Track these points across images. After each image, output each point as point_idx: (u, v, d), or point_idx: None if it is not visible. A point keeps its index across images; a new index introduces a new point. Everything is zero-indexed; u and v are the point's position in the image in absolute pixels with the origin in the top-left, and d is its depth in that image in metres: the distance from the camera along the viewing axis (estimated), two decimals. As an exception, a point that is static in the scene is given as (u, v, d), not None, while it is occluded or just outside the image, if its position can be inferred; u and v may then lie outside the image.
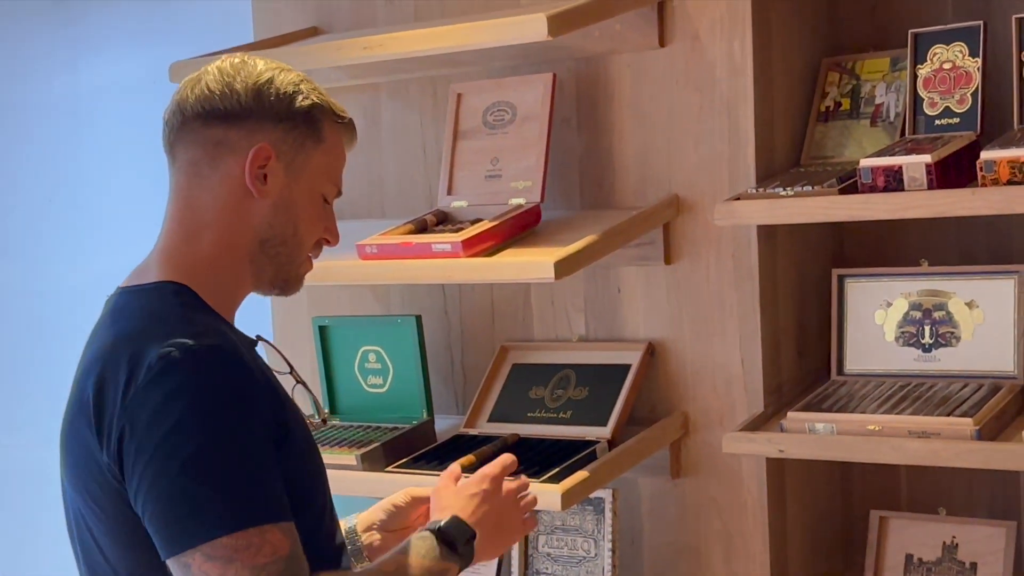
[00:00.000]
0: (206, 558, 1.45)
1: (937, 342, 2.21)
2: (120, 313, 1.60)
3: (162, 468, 1.46)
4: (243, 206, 1.62)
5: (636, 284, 2.38)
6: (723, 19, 2.23)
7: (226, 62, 1.64)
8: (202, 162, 1.61)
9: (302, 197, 1.65)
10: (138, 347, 1.51)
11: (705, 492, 2.33)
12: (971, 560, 2.20)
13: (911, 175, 2.02)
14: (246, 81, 1.61)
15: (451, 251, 2.23)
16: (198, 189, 1.62)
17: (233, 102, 1.60)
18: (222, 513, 1.46)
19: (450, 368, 2.62)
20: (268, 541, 1.46)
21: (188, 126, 1.61)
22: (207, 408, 1.48)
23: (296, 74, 1.66)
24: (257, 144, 1.60)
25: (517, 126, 2.40)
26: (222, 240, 1.62)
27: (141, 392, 1.48)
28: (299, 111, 1.63)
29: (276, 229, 1.64)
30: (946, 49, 2.16)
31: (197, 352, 1.50)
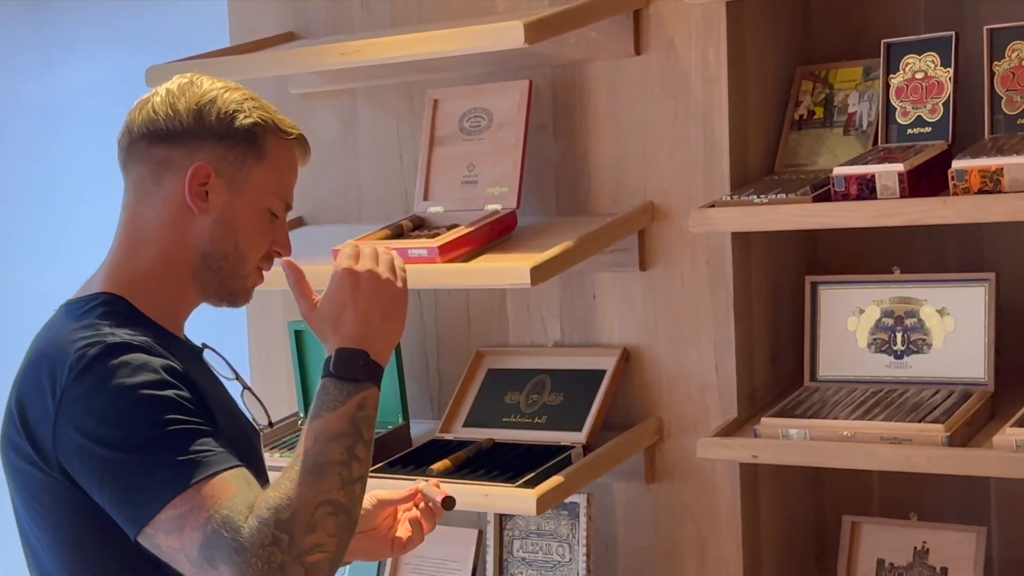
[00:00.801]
0: (165, 534, 1.49)
1: (909, 349, 2.23)
2: (51, 325, 1.66)
3: (103, 459, 1.52)
4: (184, 222, 1.67)
5: (611, 290, 2.39)
6: (698, 27, 2.24)
7: (175, 83, 1.69)
8: (147, 180, 1.67)
9: (244, 213, 1.68)
10: (58, 351, 1.57)
11: (679, 497, 2.34)
12: (942, 565, 2.22)
13: (884, 183, 2.04)
14: (189, 102, 1.66)
15: (427, 256, 2.24)
16: (143, 206, 1.68)
17: (175, 123, 1.66)
18: (155, 490, 1.50)
19: (426, 373, 2.63)
20: (204, 496, 1.48)
21: (135, 146, 1.68)
22: (122, 396, 1.53)
23: (241, 93, 1.69)
24: (197, 162, 1.65)
25: (493, 132, 2.41)
26: (162, 255, 1.68)
27: (67, 392, 1.54)
28: (239, 129, 1.67)
29: (217, 244, 1.68)
30: (918, 59, 2.19)
31: (109, 346, 1.55)
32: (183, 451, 1.51)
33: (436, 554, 2.50)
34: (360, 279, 1.61)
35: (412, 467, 2.35)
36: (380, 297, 1.61)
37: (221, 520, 1.47)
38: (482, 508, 2.36)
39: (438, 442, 2.45)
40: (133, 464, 1.51)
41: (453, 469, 2.29)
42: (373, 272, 1.61)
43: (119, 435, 1.52)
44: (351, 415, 1.54)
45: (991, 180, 1.95)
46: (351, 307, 1.60)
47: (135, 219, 1.68)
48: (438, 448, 2.42)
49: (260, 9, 2.75)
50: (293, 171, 1.73)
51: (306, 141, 1.75)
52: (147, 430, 1.52)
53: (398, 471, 2.35)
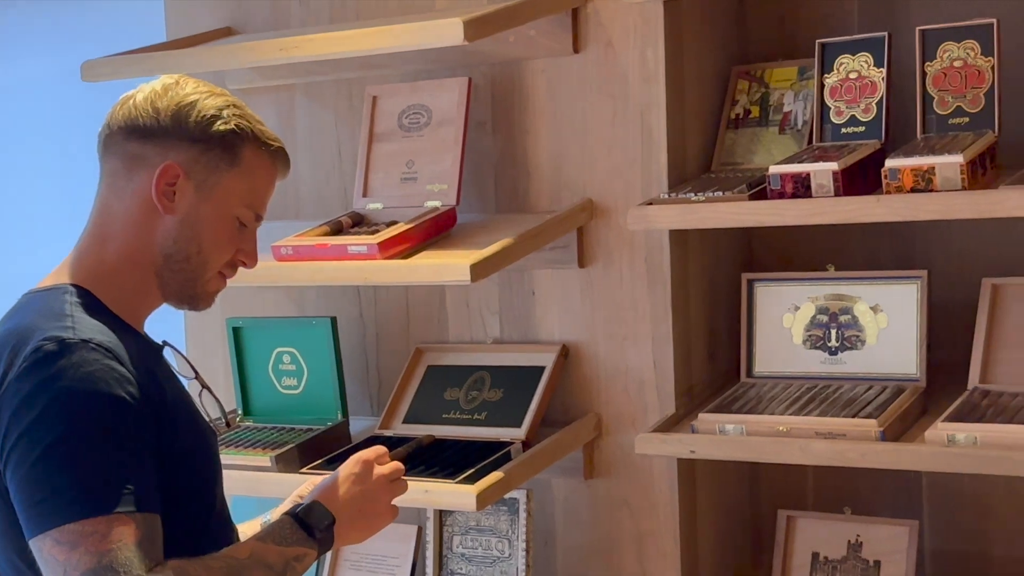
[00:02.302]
0: (54, 542, 1.49)
1: (843, 345, 2.27)
2: (15, 312, 1.66)
3: (26, 454, 1.51)
4: (149, 220, 1.67)
5: (550, 287, 2.40)
6: (636, 27, 2.26)
7: (160, 82, 1.70)
8: (120, 174, 1.68)
9: (210, 217, 1.68)
10: (19, 341, 1.57)
11: (618, 493, 2.36)
12: (875, 558, 2.25)
13: (818, 182, 2.06)
14: (170, 102, 1.67)
15: (367, 253, 2.24)
16: (114, 199, 1.68)
17: (153, 120, 1.66)
18: (73, 500, 1.50)
19: (365, 370, 2.63)
20: (115, 529, 1.49)
21: (112, 139, 1.68)
22: (73, 397, 1.52)
23: (225, 99, 1.69)
24: (167, 161, 1.65)
25: (432, 129, 2.41)
26: (126, 250, 1.67)
27: (15, 382, 1.54)
28: (216, 134, 1.67)
29: (180, 245, 1.68)
30: (852, 59, 2.22)
31: (70, 344, 1.54)
32: (114, 476, 1.51)
33: (375, 550, 2.49)
34: (373, 478, 1.77)
35: (351, 464, 2.35)
36: (376, 501, 1.76)
37: (123, 559, 1.48)
38: (422, 504, 2.36)
39: (377, 439, 2.45)
40: (61, 468, 1.50)
41: (393, 466, 2.29)
42: (384, 478, 1.78)
43: (55, 436, 1.51)
44: (287, 559, 1.63)
45: (923, 179, 1.98)
46: (354, 488, 1.75)
47: (105, 211, 1.69)
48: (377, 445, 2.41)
49: (197, 4, 2.73)
50: (268, 182, 1.73)
51: (286, 154, 1.75)
52: (86, 441, 1.51)
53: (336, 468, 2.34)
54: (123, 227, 1.67)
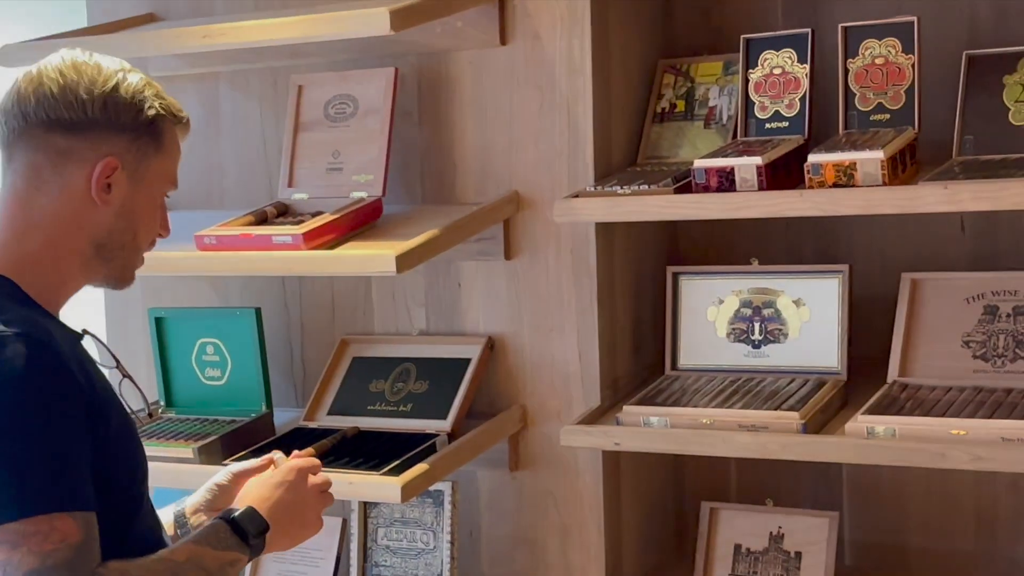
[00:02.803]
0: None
1: (766, 338, 2.29)
2: None
3: None
4: (82, 213, 1.63)
5: (476, 279, 2.40)
6: (563, 19, 2.26)
7: (67, 62, 1.62)
8: (43, 168, 1.62)
9: (143, 203, 1.67)
10: None
11: (543, 484, 2.37)
12: (796, 549, 2.28)
13: (743, 176, 2.08)
14: (92, 89, 1.61)
15: (292, 243, 2.22)
16: (36, 193, 1.62)
17: (79, 112, 1.60)
18: (12, 499, 1.47)
19: (290, 361, 2.61)
20: (57, 528, 1.47)
21: (30, 131, 1.61)
22: (10, 394, 1.49)
23: (139, 76, 1.66)
24: (103, 155, 1.61)
25: (359, 119, 2.40)
26: (51, 241, 1.63)
27: None
28: (144, 121, 1.64)
29: (115, 236, 1.65)
30: (776, 55, 2.23)
31: (5, 339, 1.51)
32: (55, 473, 1.49)
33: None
34: (306, 487, 1.78)
35: (275, 456, 2.33)
36: (306, 511, 1.78)
37: (64, 561, 1.46)
38: (347, 496, 2.34)
39: (302, 430, 2.43)
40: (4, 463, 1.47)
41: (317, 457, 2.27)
42: (317, 489, 1.80)
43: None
44: (223, 563, 1.64)
45: (844, 174, 2.00)
46: (287, 496, 1.75)
47: (25, 204, 1.62)
48: (302, 436, 2.40)
49: (119, -11, 2.69)
50: (180, 153, 1.71)
51: (189, 121, 1.72)
52: (27, 437, 1.48)
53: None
54: (49, 220, 1.62)
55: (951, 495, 2.30)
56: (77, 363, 1.57)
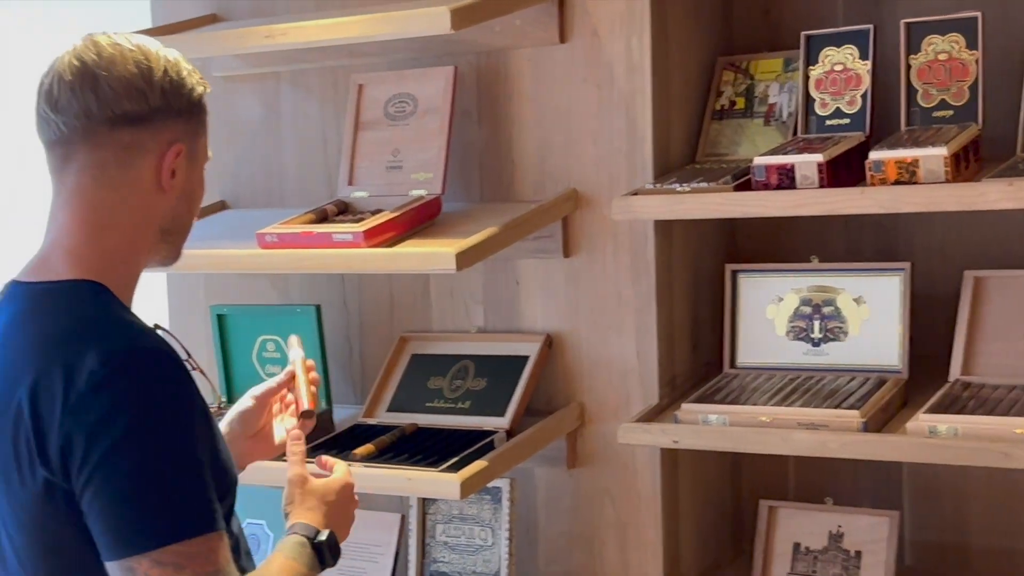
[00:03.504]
0: (154, 563, 1.44)
1: (826, 336, 2.28)
2: (37, 313, 1.57)
3: (112, 473, 1.45)
4: (150, 203, 1.62)
5: (535, 277, 2.41)
6: (622, 16, 2.26)
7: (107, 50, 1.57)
8: (110, 165, 1.58)
9: (197, 180, 1.67)
10: (74, 351, 1.49)
11: (600, 482, 2.37)
12: (856, 548, 2.26)
13: (803, 173, 2.07)
14: (149, 79, 1.58)
15: (352, 241, 2.23)
16: (105, 190, 1.59)
17: (142, 104, 1.58)
18: (173, 520, 1.46)
19: (349, 358, 2.63)
20: (213, 550, 1.48)
21: (94, 129, 1.57)
22: (156, 413, 1.48)
23: (176, 58, 1.64)
24: (167, 143, 1.60)
25: (418, 118, 2.41)
26: (128, 236, 1.62)
27: (85, 398, 1.46)
28: (195, 101, 1.64)
29: (178, 218, 1.66)
30: (837, 51, 2.22)
31: (140, 355, 1.50)
32: (204, 493, 1.49)
33: (359, 539, 2.49)
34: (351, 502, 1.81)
35: (335, 451, 2.35)
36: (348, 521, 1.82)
37: None
38: (406, 492, 2.37)
39: (361, 427, 2.45)
40: (156, 487, 1.46)
41: (376, 454, 2.30)
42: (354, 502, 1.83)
43: (145, 453, 1.46)
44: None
45: (907, 171, 1.99)
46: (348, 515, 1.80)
47: (93, 203, 1.59)
48: (361, 433, 2.42)
49: (183, -10, 2.73)
50: None
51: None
52: (177, 458, 1.48)
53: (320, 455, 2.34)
54: (121, 217, 1.60)
55: (1013, 494, 2.27)
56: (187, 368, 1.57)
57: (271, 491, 2.54)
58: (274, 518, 2.60)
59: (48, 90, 1.58)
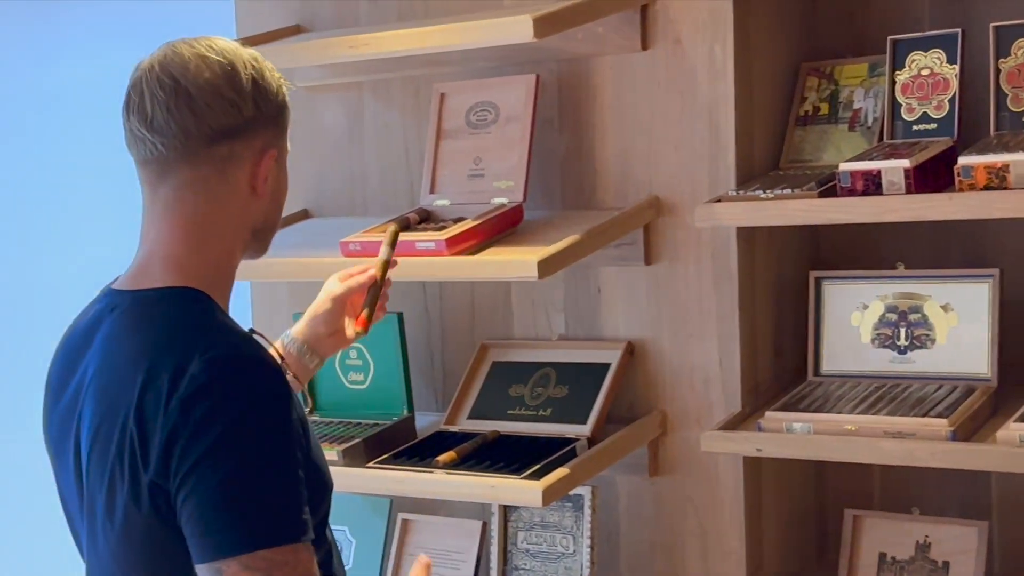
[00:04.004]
0: (243, 567, 1.46)
1: (912, 344, 2.25)
2: (142, 322, 1.58)
3: (208, 474, 1.47)
4: (247, 208, 1.64)
5: (616, 284, 2.40)
6: (705, 23, 2.25)
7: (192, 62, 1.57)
8: (210, 178, 1.60)
9: (284, 178, 1.70)
10: (179, 357, 1.50)
11: (682, 490, 2.36)
12: (943, 559, 2.23)
13: (890, 179, 2.05)
14: (239, 89, 1.58)
15: (435, 249, 2.25)
16: (204, 202, 1.61)
17: (237, 116, 1.58)
18: (265, 525, 1.48)
19: (430, 365, 2.64)
20: (300, 560, 1.49)
21: (193, 147, 1.58)
22: (254, 419, 1.49)
23: (257, 58, 1.64)
24: (260, 150, 1.62)
25: (500, 126, 2.42)
26: (226, 243, 1.64)
27: (187, 401, 1.48)
28: (281, 104, 1.65)
29: (269, 218, 1.69)
30: (924, 56, 2.20)
31: (240, 362, 1.52)
32: (295, 501, 1.50)
33: (440, 545, 2.51)
34: None
35: (417, 459, 2.36)
36: None
37: None
38: (488, 499, 2.37)
39: (443, 434, 2.46)
40: (250, 492, 1.47)
41: (459, 461, 2.30)
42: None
43: (240, 459, 1.47)
44: None
45: (996, 176, 1.96)
46: None
47: (194, 215, 1.60)
48: (443, 440, 2.43)
49: (266, 2, 2.76)
50: None
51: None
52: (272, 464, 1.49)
53: (403, 462, 2.36)
54: (222, 226, 1.62)
55: (1107, 506, 2.23)
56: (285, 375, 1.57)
57: (352, 497, 2.57)
58: (355, 524, 2.63)
59: (140, 107, 1.58)
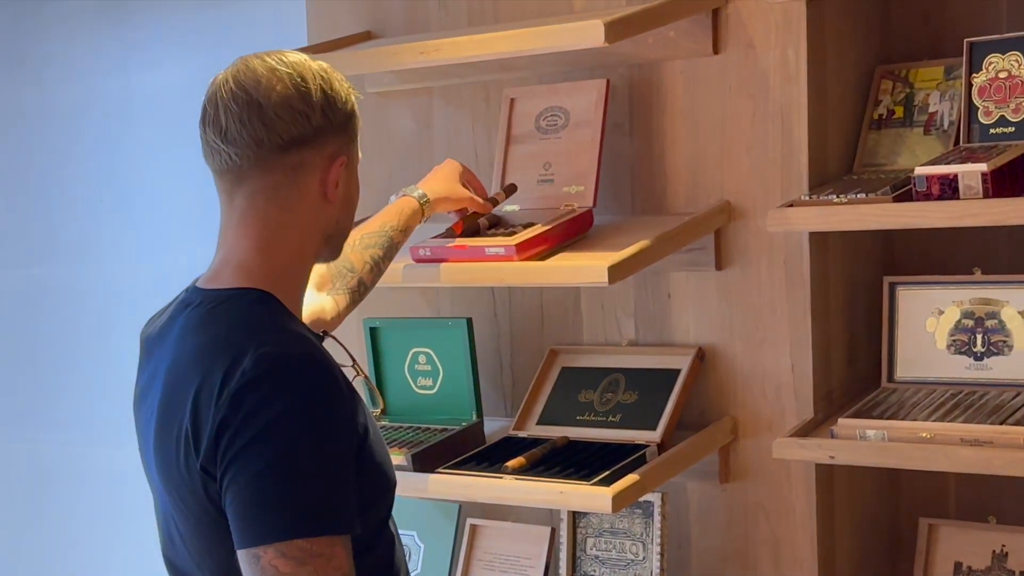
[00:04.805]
0: (279, 554, 1.49)
1: (989, 351, 2.21)
2: (209, 320, 1.64)
3: (251, 463, 1.51)
4: (317, 214, 1.69)
5: (686, 289, 2.39)
6: (777, 26, 2.24)
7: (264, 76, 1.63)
8: (282, 186, 1.66)
9: (355, 186, 1.75)
10: (234, 353, 1.56)
11: (753, 497, 2.34)
12: (1021, 569, 2.20)
13: (967, 183, 2.02)
14: (308, 100, 1.64)
15: (505, 255, 2.25)
16: (276, 210, 1.67)
17: (306, 126, 1.64)
18: (303, 515, 1.51)
19: (499, 370, 2.64)
20: (337, 554, 1.52)
21: (265, 156, 1.64)
22: (299, 413, 1.53)
23: (326, 70, 1.69)
24: (330, 157, 1.67)
25: (570, 131, 2.42)
26: (297, 248, 1.69)
27: (237, 394, 1.53)
28: (349, 113, 1.70)
29: (341, 224, 1.73)
30: (1002, 58, 2.17)
31: (291, 359, 1.55)
32: (337, 495, 1.54)
33: (509, 551, 2.51)
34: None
35: (486, 464, 2.36)
36: None
37: None
38: (557, 505, 2.36)
39: (512, 439, 2.46)
40: (290, 481, 1.51)
41: (528, 466, 2.30)
42: None
43: (284, 448, 1.51)
44: None
45: (1077, 180, 1.93)
46: None
47: (265, 222, 1.66)
48: (512, 446, 2.42)
49: (337, 8, 2.77)
50: None
51: None
52: (315, 456, 1.53)
53: (472, 468, 2.36)
54: (293, 232, 1.67)
55: None
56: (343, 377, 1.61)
57: (421, 503, 2.58)
58: (424, 529, 2.63)
59: (215, 120, 1.64)
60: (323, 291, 2.05)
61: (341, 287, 2.09)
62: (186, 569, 1.67)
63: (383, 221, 2.19)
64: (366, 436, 1.62)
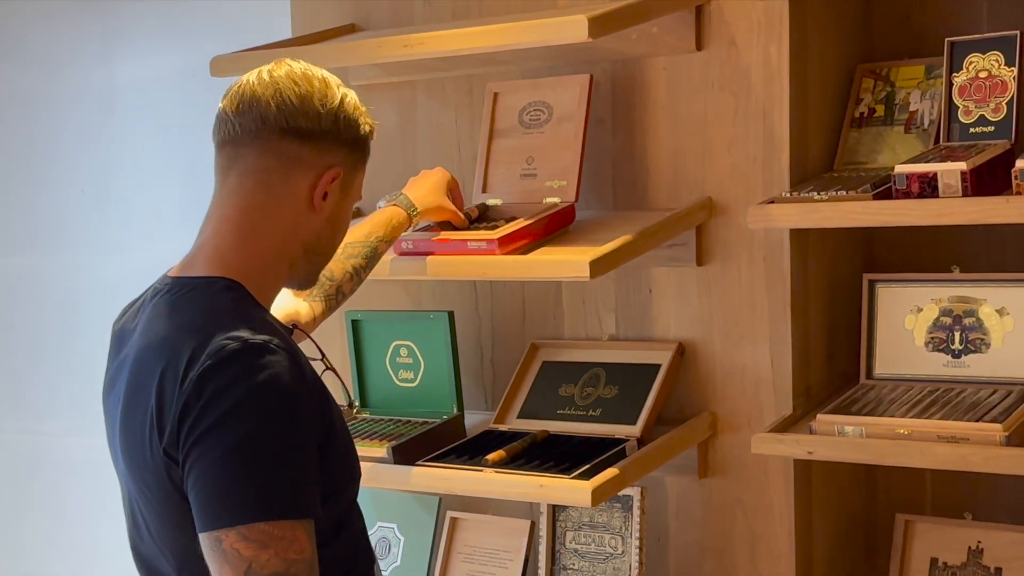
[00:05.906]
0: (240, 538, 1.51)
1: (967, 348, 2.23)
2: (176, 307, 1.66)
3: (213, 447, 1.53)
4: (300, 218, 1.71)
5: (667, 285, 2.40)
6: (760, 24, 2.25)
7: (297, 72, 1.70)
8: (274, 172, 1.69)
9: (345, 212, 1.77)
10: (199, 338, 1.58)
11: (732, 492, 2.35)
12: (996, 565, 2.21)
13: (946, 182, 2.04)
14: (324, 102, 1.69)
15: (487, 248, 2.25)
16: (263, 196, 1.69)
17: (314, 122, 1.68)
18: (265, 499, 1.52)
19: (480, 364, 2.65)
20: (299, 538, 1.53)
21: (265, 136, 1.68)
22: (261, 399, 1.55)
23: (352, 93, 1.75)
24: (327, 165, 1.70)
25: (553, 126, 2.42)
26: (273, 245, 1.71)
27: (200, 379, 1.55)
28: (361, 136, 1.74)
29: (323, 241, 1.75)
30: (982, 58, 2.18)
31: (255, 346, 1.57)
32: (299, 480, 1.55)
33: (489, 543, 2.51)
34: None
35: (466, 457, 2.37)
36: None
37: (303, 571, 1.52)
38: (537, 499, 2.37)
39: (492, 433, 2.47)
40: (252, 466, 1.52)
41: (507, 460, 2.31)
42: None
43: (246, 432, 1.53)
44: None
45: (1055, 180, 1.94)
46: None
47: (251, 206, 1.69)
48: (492, 439, 2.43)
49: (322, 1, 2.77)
50: None
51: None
52: (276, 441, 1.54)
53: (452, 461, 2.37)
54: (273, 224, 1.69)
55: None
56: (308, 368, 1.63)
57: (401, 495, 2.59)
58: (404, 522, 2.64)
59: (236, 94, 1.70)
60: (300, 296, 2.06)
61: (318, 294, 2.10)
62: (150, 555, 1.68)
63: (369, 231, 2.20)
64: (331, 427, 1.63)
